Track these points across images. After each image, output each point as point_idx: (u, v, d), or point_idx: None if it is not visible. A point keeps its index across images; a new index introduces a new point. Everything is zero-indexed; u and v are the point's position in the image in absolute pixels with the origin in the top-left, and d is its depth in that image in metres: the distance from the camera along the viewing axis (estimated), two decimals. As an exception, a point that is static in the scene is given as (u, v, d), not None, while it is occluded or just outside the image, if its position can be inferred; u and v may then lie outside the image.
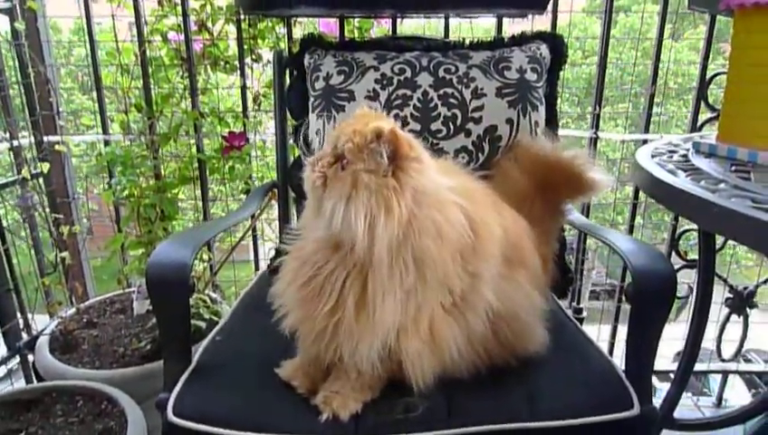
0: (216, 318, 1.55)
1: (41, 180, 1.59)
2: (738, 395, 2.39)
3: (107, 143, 1.75)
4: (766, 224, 0.72)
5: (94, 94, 1.74)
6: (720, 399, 1.99)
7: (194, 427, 0.81)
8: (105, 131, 1.75)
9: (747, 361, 2.17)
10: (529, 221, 1.06)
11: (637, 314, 0.90)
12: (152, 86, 1.67)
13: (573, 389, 0.90)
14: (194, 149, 1.72)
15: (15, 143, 1.51)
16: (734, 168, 1.01)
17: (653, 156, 1.18)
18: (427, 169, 0.82)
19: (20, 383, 1.62)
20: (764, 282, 1.77)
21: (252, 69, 1.69)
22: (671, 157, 1.17)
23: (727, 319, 1.84)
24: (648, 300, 0.88)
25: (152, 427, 1.22)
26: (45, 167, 1.56)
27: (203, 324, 1.50)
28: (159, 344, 1.44)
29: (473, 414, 0.84)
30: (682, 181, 0.94)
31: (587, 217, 1.67)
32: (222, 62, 1.66)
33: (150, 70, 1.65)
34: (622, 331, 2.00)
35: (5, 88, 1.49)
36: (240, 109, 1.72)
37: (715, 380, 2.41)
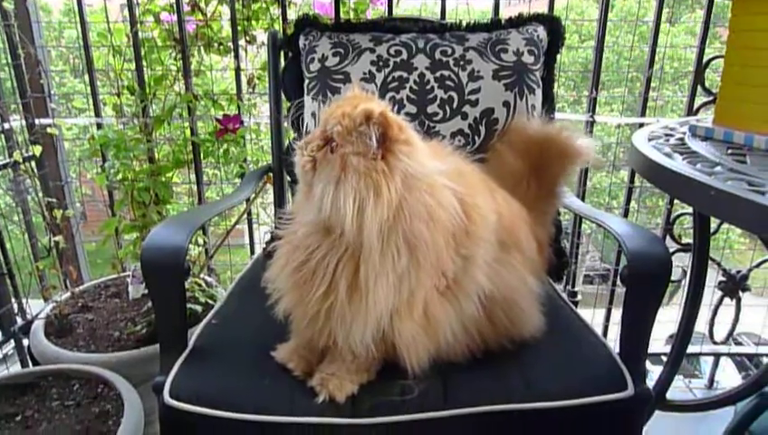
0: (211, 302, 1.55)
1: (33, 164, 1.57)
2: (729, 378, 2.42)
3: (99, 126, 1.73)
4: (762, 207, 0.72)
5: (86, 77, 1.72)
6: (712, 381, 2.02)
7: (190, 409, 0.81)
8: (97, 114, 1.73)
9: (738, 343, 2.20)
10: (525, 204, 1.06)
11: (631, 296, 0.90)
12: (145, 68, 1.65)
13: (568, 370, 0.91)
14: (188, 132, 1.70)
15: (6, 126, 1.49)
16: (730, 151, 1.01)
17: (650, 139, 1.18)
18: (418, 153, 0.81)
19: (15, 368, 1.62)
20: (757, 265, 1.78)
21: (246, 51, 1.67)
22: (668, 140, 1.17)
23: (720, 302, 1.85)
24: (642, 282, 0.88)
25: (149, 409, 1.23)
26: (37, 150, 1.54)
27: (199, 308, 1.50)
28: (155, 328, 1.44)
29: (469, 396, 0.84)
30: (678, 164, 0.94)
31: (582, 200, 1.67)
32: (215, 44, 1.63)
33: (143, 51, 1.63)
34: (616, 314, 2.02)
35: (-5, 69, 1.46)
36: (234, 91, 1.70)
37: (706, 362, 2.44)
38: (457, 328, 0.87)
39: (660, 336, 2.14)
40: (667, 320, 1.62)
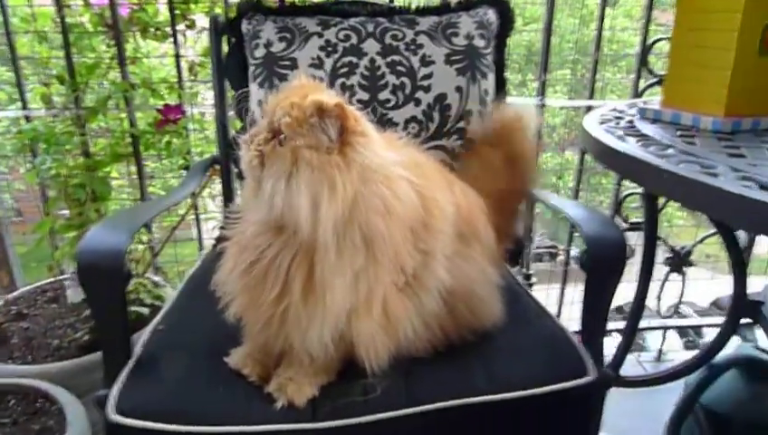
0: (159, 303, 1.48)
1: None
2: (673, 347, 2.53)
3: (28, 119, 1.60)
4: (715, 189, 0.73)
5: (10, 66, 1.59)
6: (660, 354, 2.09)
7: (138, 425, 0.76)
8: (25, 106, 1.60)
9: (679, 314, 2.30)
10: (497, 197, 1.06)
11: (591, 280, 0.90)
12: (75, 56, 1.53)
13: (529, 359, 0.90)
14: (126, 124, 1.60)
15: None
16: (679, 133, 1.02)
17: (601, 123, 1.18)
18: (374, 144, 0.78)
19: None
20: (700, 241, 1.85)
21: (185, 36, 1.58)
22: (618, 123, 1.18)
23: (666, 277, 1.92)
24: (601, 267, 0.89)
25: (97, 421, 1.16)
26: (-45, 146, 1.41)
27: (146, 310, 1.43)
28: (99, 340, 1.36)
29: (431, 392, 0.82)
30: (632, 148, 0.94)
31: None
32: (152, 29, 1.54)
33: (72, 38, 1.51)
34: (568, 293, 2.06)
35: None
36: (174, 79, 1.61)
37: (649, 334, 2.53)
38: (418, 324, 0.85)
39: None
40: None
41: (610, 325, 1.92)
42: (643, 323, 2.02)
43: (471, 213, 0.95)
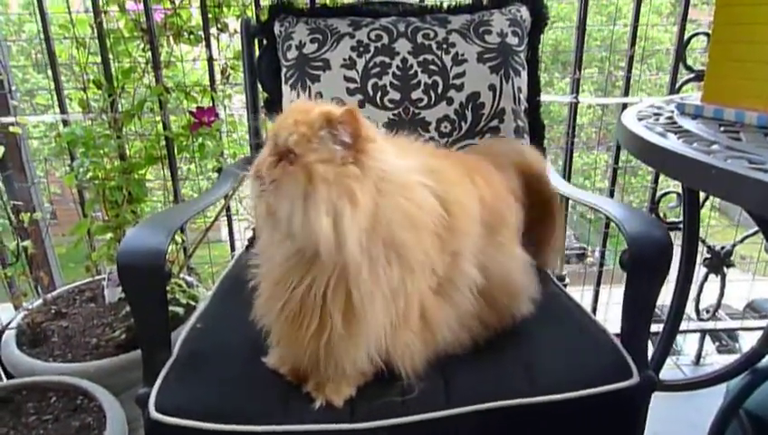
0: (193, 303, 1.49)
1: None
2: (705, 349, 2.45)
3: (66, 123, 1.64)
4: (766, 184, 0.70)
5: (49, 72, 1.63)
6: (698, 357, 2.03)
7: (179, 423, 0.76)
8: (63, 111, 1.64)
9: (716, 318, 2.23)
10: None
11: (633, 281, 0.88)
12: (111, 61, 1.56)
13: (570, 361, 0.88)
14: (160, 127, 1.62)
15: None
16: (722, 128, 0.99)
17: (639, 119, 1.16)
18: (386, 151, 0.75)
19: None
20: (741, 241, 1.80)
21: (218, 39, 1.60)
22: (657, 119, 1.15)
23: (705, 279, 1.86)
24: (644, 267, 0.86)
25: (131, 418, 1.17)
26: (-1, 150, 1.45)
27: (180, 310, 1.44)
28: (136, 336, 1.38)
29: (472, 393, 0.81)
30: (675, 144, 0.92)
31: (568, 181, 1.63)
32: (186, 33, 1.56)
33: (109, 43, 1.54)
34: (603, 295, 2.01)
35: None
36: (207, 82, 1.63)
37: (682, 337, 2.45)
38: (454, 324, 0.84)
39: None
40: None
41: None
42: (681, 327, 1.97)
43: (496, 200, 0.92)
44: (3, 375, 1.51)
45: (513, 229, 0.95)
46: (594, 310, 1.98)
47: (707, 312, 2.02)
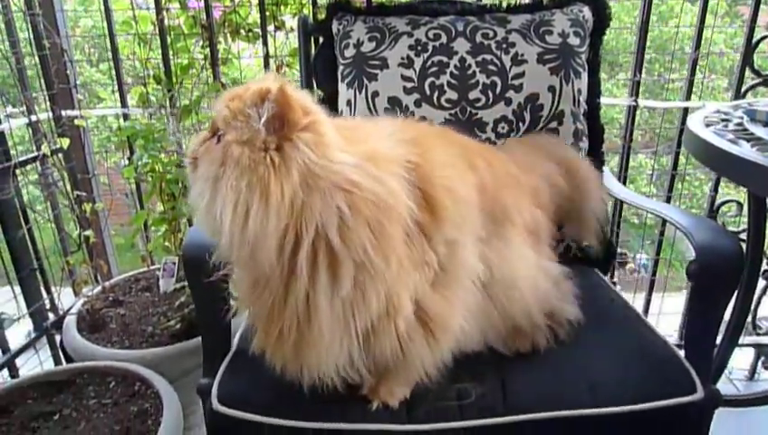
0: (244, 296, 1.52)
1: (60, 157, 1.54)
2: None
3: (126, 117, 1.69)
4: None
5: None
6: (753, 371, 1.95)
7: (240, 415, 0.78)
8: (124, 104, 1.69)
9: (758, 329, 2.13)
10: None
11: (699, 292, 0.85)
12: (171, 57, 1.61)
13: (632, 372, 0.86)
14: (215, 122, 1.66)
15: (33, 118, 1.46)
16: (798, 137, 0.95)
17: (707, 125, 1.12)
18: (329, 143, 0.64)
19: (47, 364, 1.60)
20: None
21: (274, 37, 1.62)
22: (726, 126, 1.11)
23: (764, 292, 1.79)
24: (712, 278, 0.83)
25: (184, 405, 1.20)
26: (65, 142, 1.51)
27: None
28: (189, 323, 1.42)
29: (530, 401, 0.80)
30: (748, 152, 0.89)
31: (624, 185, 1.58)
32: (243, 31, 1.58)
33: (169, 39, 1.58)
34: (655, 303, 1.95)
35: (21, 61, 1.43)
36: (263, 79, 1.65)
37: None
38: (461, 319, 0.77)
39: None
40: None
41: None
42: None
43: (498, 190, 0.84)
44: (63, 358, 1.57)
45: (525, 227, 0.87)
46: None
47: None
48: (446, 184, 0.74)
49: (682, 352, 0.88)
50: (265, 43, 1.58)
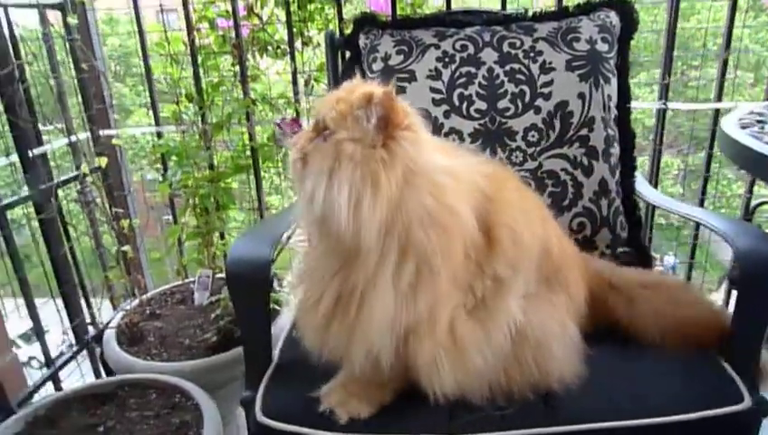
0: (277, 307, 1.55)
1: (99, 175, 1.59)
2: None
3: (159, 135, 1.74)
4: None
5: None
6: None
7: (284, 428, 0.79)
8: (157, 123, 1.74)
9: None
10: None
11: (744, 299, 0.84)
12: (202, 75, 1.65)
13: (675, 382, 0.85)
14: (246, 137, 1.69)
15: (73, 138, 1.51)
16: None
17: (742, 127, 1.10)
18: (423, 144, 0.73)
19: (88, 377, 1.65)
20: None
21: (302, 52, 1.65)
22: (763, 128, 1.09)
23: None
24: (756, 284, 0.82)
25: (221, 416, 1.22)
26: (103, 161, 1.56)
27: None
28: (225, 335, 1.44)
29: (573, 412, 0.79)
30: (789, 155, 0.87)
31: (655, 187, 1.55)
32: (272, 47, 1.62)
33: (200, 59, 1.62)
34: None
35: (62, 84, 1.48)
36: (291, 94, 1.68)
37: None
38: (487, 355, 0.77)
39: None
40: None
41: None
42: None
43: (563, 262, 0.87)
44: (103, 371, 1.62)
45: (574, 303, 0.87)
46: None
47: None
48: (511, 224, 0.79)
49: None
50: (293, 59, 1.62)
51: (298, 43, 1.63)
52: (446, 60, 1.26)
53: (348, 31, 1.44)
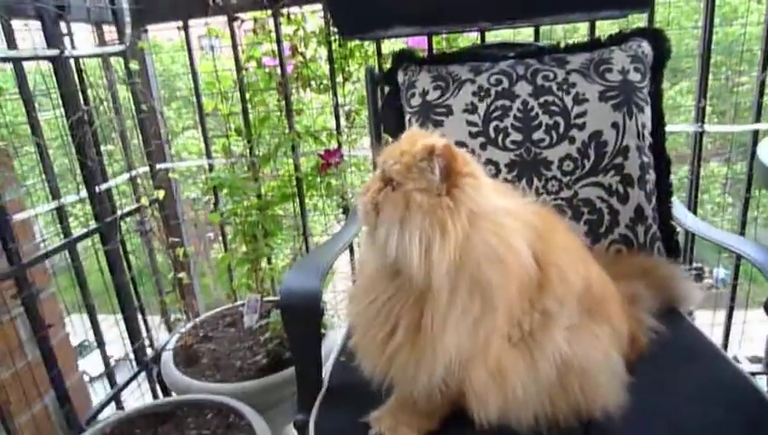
0: (323, 331, 1.61)
1: (156, 206, 1.71)
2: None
3: (211, 168, 1.85)
4: None
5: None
6: None
7: (336, 449, 0.85)
8: (209, 156, 1.85)
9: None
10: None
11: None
12: (250, 110, 1.75)
13: (716, 413, 0.85)
14: (291, 168, 1.78)
15: (133, 173, 1.63)
16: None
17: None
18: (483, 187, 0.78)
19: (146, 396, 1.75)
20: None
21: (343, 87, 1.73)
22: (800, 153, 1.10)
23: None
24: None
25: (271, 435, 1.29)
26: (161, 194, 1.67)
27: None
28: (274, 358, 1.52)
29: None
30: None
31: (694, 214, 1.56)
32: (315, 83, 1.71)
33: (248, 95, 1.73)
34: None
35: (123, 124, 1.60)
36: (333, 126, 1.77)
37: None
38: (529, 385, 0.80)
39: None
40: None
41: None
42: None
43: (604, 296, 0.91)
44: (160, 391, 1.71)
45: (617, 334, 0.90)
46: (726, 343, 1.86)
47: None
48: (559, 263, 0.84)
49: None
50: (335, 94, 1.70)
51: (339, 79, 1.72)
52: (482, 94, 1.31)
53: (387, 65, 1.51)
